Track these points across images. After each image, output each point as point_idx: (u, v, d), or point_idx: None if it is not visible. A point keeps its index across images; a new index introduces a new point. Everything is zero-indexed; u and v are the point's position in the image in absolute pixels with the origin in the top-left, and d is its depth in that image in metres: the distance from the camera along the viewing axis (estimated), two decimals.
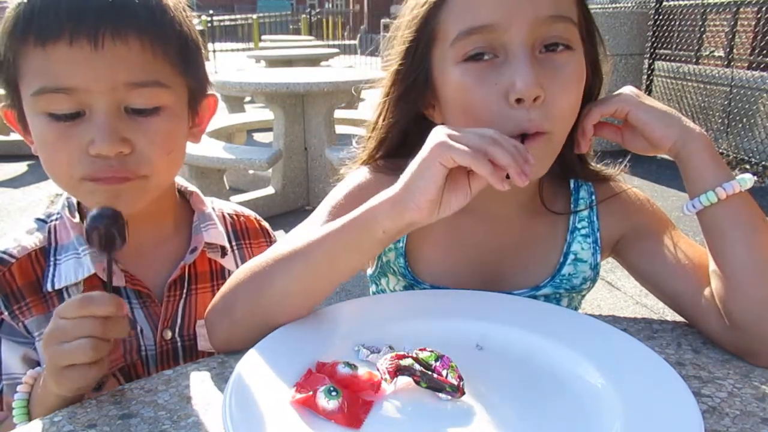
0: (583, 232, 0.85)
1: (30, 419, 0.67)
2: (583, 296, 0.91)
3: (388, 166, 0.82)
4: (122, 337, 0.63)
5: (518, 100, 0.66)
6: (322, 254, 0.66)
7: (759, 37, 5.26)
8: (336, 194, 0.82)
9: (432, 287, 0.84)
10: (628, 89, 0.75)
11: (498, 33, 0.67)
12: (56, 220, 0.80)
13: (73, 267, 0.76)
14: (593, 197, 0.86)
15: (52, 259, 0.78)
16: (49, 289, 0.76)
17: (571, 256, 0.84)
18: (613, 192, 0.86)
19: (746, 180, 0.70)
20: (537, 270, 0.85)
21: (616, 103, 0.74)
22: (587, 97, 0.76)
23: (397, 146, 0.82)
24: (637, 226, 0.84)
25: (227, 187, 3.87)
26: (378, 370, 0.59)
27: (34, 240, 0.78)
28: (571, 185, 0.87)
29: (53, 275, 0.76)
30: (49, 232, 0.79)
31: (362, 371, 0.59)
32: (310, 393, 0.55)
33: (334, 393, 0.54)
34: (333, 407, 0.54)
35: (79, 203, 0.81)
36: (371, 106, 0.86)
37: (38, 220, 0.81)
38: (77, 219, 0.79)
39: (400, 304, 0.75)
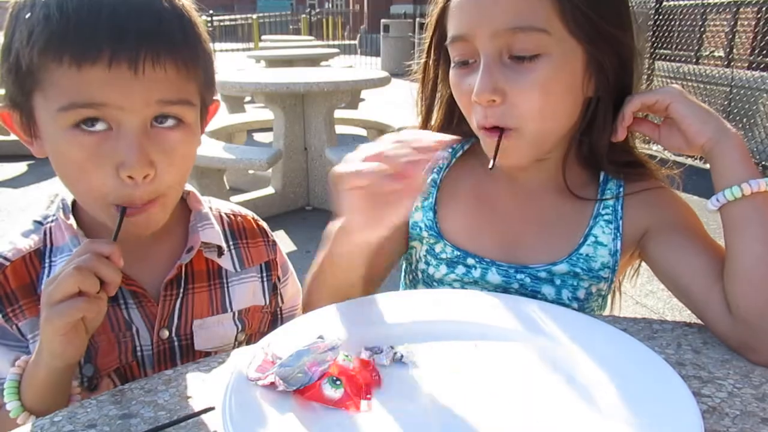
0: (606, 218, 0.87)
1: (20, 400, 0.68)
2: (603, 296, 0.92)
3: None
4: (115, 282, 0.66)
5: (476, 102, 0.77)
6: (327, 276, 0.80)
7: (759, 37, 5.25)
8: None
9: (454, 247, 0.89)
10: (673, 86, 0.78)
11: (471, 42, 0.77)
12: (52, 221, 0.80)
13: None
14: (621, 189, 0.88)
15: (47, 260, 0.77)
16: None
17: (591, 238, 0.87)
18: (643, 188, 0.88)
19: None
20: (556, 247, 0.87)
21: (658, 93, 0.77)
22: (624, 91, 0.81)
23: (444, 120, 0.93)
24: (662, 220, 0.85)
25: (227, 187, 3.87)
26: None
27: (29, 242, 0.78)
28: (601, 177, 0.90)
29: (48, 276, 0.76)
30: (45, 233, 0.79)
31: (356, 362, 0.61)
32: (311, 383, 0.55)
33: (337, 382, 0.56)
34: (340, 395, 0.55)
35: (73, 205, 0.81)
36: (371, 107, 0.92)
37: (35, 221, 0.81)
38: (71, 220, 0.79)
39: (400, 304, 0.75)
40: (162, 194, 0.72)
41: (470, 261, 0.88)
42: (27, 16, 0.66)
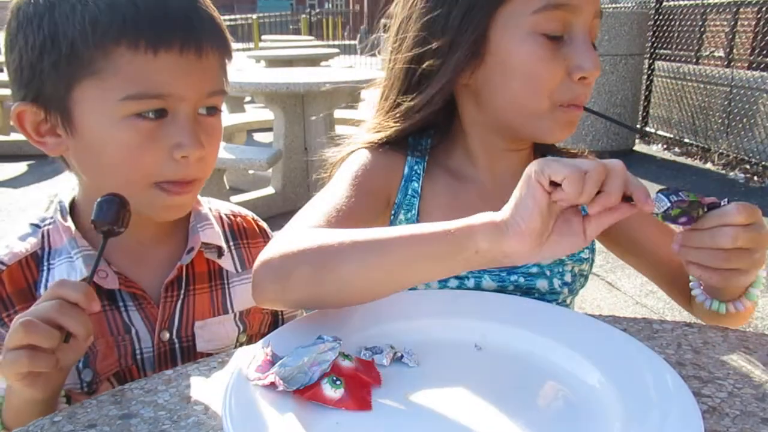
0: None
1: (1, 421, 0.67)
2: (585, 275, 0.93)
3: (394, 148, 0.87)
4: (80, 334, 0.62)
5: (582, 78, 0.76)
6: (404, 254, 0.61)
7: (759, 37, 5.26)
8: (353, 168, 0.83)
9: None
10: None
11: (574, 14, 0.75)
12: (50, 224, 0.80)
13: (66, 271, 0.75)
14: None
15: (45, 263, 0.77)
16: (42, 294, 0.75)
17: None
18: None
19: (754, 295, 0.76)
20: None
21: None
22: None
23: (424, 122, 0.85)
24: None
25: (227, 187, 3.86)
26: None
27: (25, 245, 0.77)
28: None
29: (47, 280, 0.76)
30: (43, 236, 0.78)
31: (356, 362, 0.61)
32: (311, 384, 0.55)
33: (337, 382, 0.56)
34: (340, 395, 0.55)
35: (71, 207, 0.80)
36: (371, 107, 0.89)
37: (32, 224, 0.80)
38: (69, 222, 0.78)
39: (400, 304, 0.75)
40: (203, 177, 0.78)
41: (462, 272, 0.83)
42: (79, 7, 0.67)
